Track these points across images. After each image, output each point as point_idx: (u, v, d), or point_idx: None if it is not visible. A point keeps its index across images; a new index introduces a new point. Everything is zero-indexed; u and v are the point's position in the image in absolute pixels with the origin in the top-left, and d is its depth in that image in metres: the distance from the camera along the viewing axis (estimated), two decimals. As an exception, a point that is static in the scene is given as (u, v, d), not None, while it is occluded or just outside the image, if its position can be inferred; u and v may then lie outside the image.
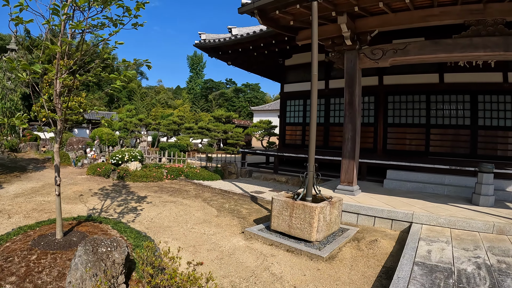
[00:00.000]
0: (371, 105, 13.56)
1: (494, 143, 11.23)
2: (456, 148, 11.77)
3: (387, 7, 8.06)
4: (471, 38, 7.70)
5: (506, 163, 10.53)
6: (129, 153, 14.31)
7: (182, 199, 9.90)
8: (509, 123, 11.08)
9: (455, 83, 11.92)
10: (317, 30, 6.97)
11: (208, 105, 68.60)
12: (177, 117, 31.17)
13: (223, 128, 27.91)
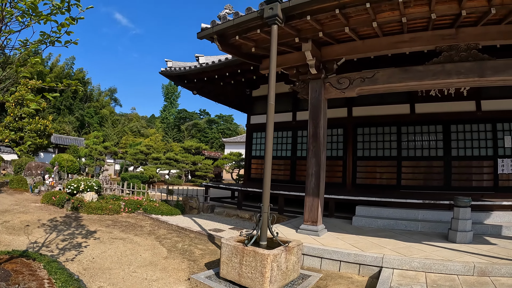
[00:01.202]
0: (339, 137, 13.23)
1: (469, 173, 11.07)
2: (430, 180, 11.49)
3: (354, 33, 7.73)
4: (443, 64, 7.41)
5: (482, 194, 10.42)
6: (85, 183, 13.59)
7: (133, 236, 9.16)
8: (483, 152, 11.01)
9: (427, 113, 11.81)
10: (277, 56, 6.65)
11: (180, 135, 67.83)
12: (145, 147, 30.35)
13: (192, 160, 27.26)
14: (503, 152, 10.90)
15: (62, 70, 58.26)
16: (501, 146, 10.95)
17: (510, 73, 6.93)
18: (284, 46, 8.49)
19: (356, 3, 6.56)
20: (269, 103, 6.46)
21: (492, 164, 10.91)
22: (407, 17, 6.91)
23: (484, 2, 6.48)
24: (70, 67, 61.99)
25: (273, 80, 6.54)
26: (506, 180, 10.71)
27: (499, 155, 10.90)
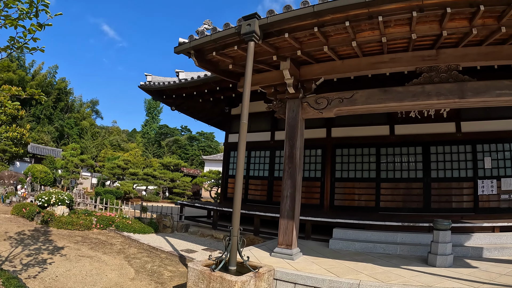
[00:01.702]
0: (318, 158, 13.01)
1: (449, 195, 10.97)
2: (409, 202, 11.32)
3: (333, 53, 7.58)
4: (423, 85, 7.29)
5: (462, 215, 10.30)
6: (57, 196, 13.15)
7: (102, 254, 8.79)
8: (463, 174, 10.95)
9: (406, 134, 11.74)
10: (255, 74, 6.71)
11: (161, 151, 66.98)
12: (122, 161, 29.65)
13: (171, 176, 26.81)
14: (483, 173, 10.84)
15: (45, 79, 57.16)
16: (481, 167, 10.90)
17: (491, 94, 6.86)
18: (262, 64, 8.29)
19: (335, 22, 6.42)
20: (242, 121, 6.28)
21: (472, 186, 10.82)
22: (387, 37, 6.79)
23: (465, 22, 6.43)
24: (52, 75, 60.72)
25: (247, 98, 6.40)
26: (486, 201, 10.63)
27: (479, 176, 10.83)
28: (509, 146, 10.81)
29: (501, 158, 10.81)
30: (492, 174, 10.75)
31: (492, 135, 10.98)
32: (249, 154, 14.79)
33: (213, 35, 7.38)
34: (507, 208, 10.40)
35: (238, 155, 6.32)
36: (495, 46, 7.27)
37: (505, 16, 6.04)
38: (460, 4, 5.85)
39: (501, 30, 6.31)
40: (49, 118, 57.64)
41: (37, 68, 58.35)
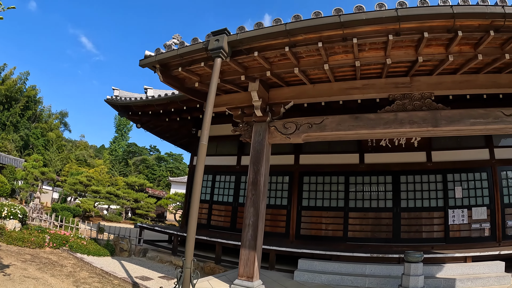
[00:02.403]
0: (285, 185, 12.47)
1: (419, 225, 10.70)
2: (378, 232, 10.95)
3: (304, 76, 7.24)
4: (396, 113, 7.06)
5: (433, 245, 10.13)
6: (9, 209, 12.20)
7: (49, 276, 8.08)
8: (434, 203, 10.75)
9: (376, 163, 11.47)
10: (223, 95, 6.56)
11: (127, 170, 65.15)
12: (85, 177, 28.45)
13: (135, 197, 25.93)
14: (453, 202, 10.68)
15: (15, 84, 54.49)
16: (451, 197, 10.74)
17: (465, 123, 6.72)
18: (231, 84, 7.85)
19: (308, 42, 6.11)
20: (201, 142, 5.96)
21: (443, 215, 10.63)
22: (361, 61, 6.51)
23: (441, 49, 6.29)
24: (23, 82, 57.60)
25: (208, 118, 6.12)
26: (457, 231, 10.46)
27: (449, 206, 10.66)
28: (479, 175, 10.73)
29: (471, 187, 10.69)
30: (463, 204, 10.60)
31: (462, 165, 10.90)
32: (214, 178, 14.17)
33: (180, 49, 6.90)
34: (478, 237, 10.25)
35: (195, 178, 5.90)
36: (470, 75, 7.22)
37: (482, 43, 5.92)
38: (438, 29, 5.68)
39: (477, 58, 6.19)
40: (15, 125, 55.01)
41: (8, 72, 55.56)
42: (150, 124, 15.26)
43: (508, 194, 10.46)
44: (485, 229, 10.23)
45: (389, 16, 5.44)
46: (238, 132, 8.18)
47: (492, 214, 10.26)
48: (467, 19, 5.39)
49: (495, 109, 6.74)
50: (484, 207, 10.39)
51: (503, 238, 10.04)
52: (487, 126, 6.71)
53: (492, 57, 6.34)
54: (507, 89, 7.26)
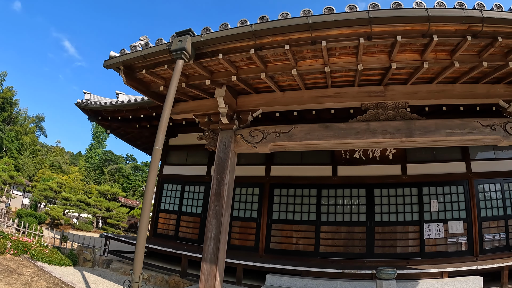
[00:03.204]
0: (255, 197, 11.99)
1: (394, 239, 10.44)
2: (351, 247, 10.62)
3: (272, 82, 6.88)
4: (368, 122, 6.74)
5: (408, 260, 9.99)
6: None
7: (4, 284, 7.63)
8: (408, 217, 10.53)
9: (350, 176, 11.18)
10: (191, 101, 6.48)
11: (102, 178, 63.60)
12: (56, 184, 27.51)
13: (107, 205, 25.21)
14: (429, 216, 10.48)
15: None
16: (427, 211, 10.54)
17: (440, 134, 6.46)
18: (197, 89, 7.42)
19: (274, 45, 5.76)
20: (155, 147, 5.60)
21: (418, 229, 10.42)
22: (331, 67, 6.18)
23: (416, 56, 6.05)
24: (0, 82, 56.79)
25: (165, 122, 5.79)
26: (433, 245, 10.26)
27: (425, 220, 10.45)
28: (456, 189, 10.58)
29: (448, 201, 10.53)
30: (439, 218, 10.42)
31: (438, 178, 10.75)
32: (183, 188, 13.63)
33: (144, 50, 6.51)
34: (455, 252, 10.08)
35: (147, 185, 5.46)
36: (446, 85, 7.03)
37: (459, 49, 5.70)
38: (412, 33, 5.41)
39: (454, 65, 5.97)
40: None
41: (-16, 71, 54.18)
42: (120, 130, 14.71)
43: (485, 207, 10.36)
44: (462, 243, 10.08)
45: (360, 18, 5.16)
46: (204, 140, 7.71)
47: (469, 228, 10.13)
48: (443, 23, 5.18)
49: (472, 120, 6.52)
50: (460, 221, 10.24)
51: (480, 252, 9.90)
52: (464, 137, 6.47)
53: (469, 65, 6.16)
54: (484, 100, 7.19)
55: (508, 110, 6.81)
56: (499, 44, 5.47)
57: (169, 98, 5.68)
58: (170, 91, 5.71)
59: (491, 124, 6.44)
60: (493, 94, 6.96)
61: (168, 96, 5.70)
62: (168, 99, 5.69)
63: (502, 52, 5.95)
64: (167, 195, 13.83)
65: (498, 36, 5.32)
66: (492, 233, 10.13)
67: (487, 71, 6.50)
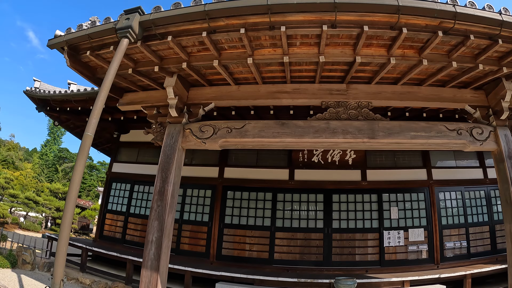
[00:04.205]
0: (207, 200, 11.22)
1: (352, 247, 10.11)
2: (307, 254, 10.15)
3: (227, 74, 6.35)
4: (329, 121, 6.36)
5: (367, 269, 9.76)
6: None
7: None
8: (368, 224, 10.29)
9: (308, 180, 10.75)
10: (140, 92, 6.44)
11: (56, 176, 61.03)
12: (3, 179, 25.78)
13: (57, 205, 23.94)
14: (389, 223, 10.28)
15: None
16: (387, 218, 10.33)
17: (405, 136, 6.24)
18: (146, 77, 6.73)
19: (229, 29, 5.21)
20: (86, 133, 4.92)
21: (378, 237, 10.18)
22: (290, 57, 5.71)
23: (383, 51, 5.73)
24: None
25: (99, 105, 5.18)
26: (393, 253, 10.05)
27: (385, 227, 10.23)
28: (416, 196, 10.50)
29: (408, 208, 10.41)
30: (399, 225, 10.25)
31: (399, 185, 10.62)
32: (132, 188, 12.66)
33: (89, 29, 5.81)
34: (415, 260, 9.93)
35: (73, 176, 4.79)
36: (412, 86, 6.86)
37: (428, 46, 5.42)
38: (380, 24, 5.04)
39: (422, 64, 5.73)
40: None
41: None
42: (69, 123, 13.74)
43: (446, 215, 10.39)
44: (422, 251, 9.97)
45: (325, 2, 4.73)
46: (150, 134, 7.01)
47: (429, 235, 10.07)
48: (413, 16, 4.89)
49: (438, 123, 6.37)
50: (421, 229, 10.14)
51: (441, 260, 9.86)
52: (429, 140, 6.27)
53: (438, 64, 5.94)
54: (450, 104, 7.02)
55: (474, 115, 6.76)
56: (470, 43, 5.29)
57: (108, 79, 5.02)
58: (110, 71, 5.05)
59: (457, 128, 6.32)
60: (459, 98, 6.85)
61: (107, 77, 5.04)
62: (106, 81, 5.02)
63: (472, 54, 5.81)
64: (115, 195, 12.85)
65: (471, 35, 5.15)
66: (453, 241, 10.14)
67: (455, 74, 6.37)
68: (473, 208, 10.57)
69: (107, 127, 13.29)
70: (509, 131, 6.46)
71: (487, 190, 10.85)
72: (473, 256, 10.10)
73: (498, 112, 6.49)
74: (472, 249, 10.15)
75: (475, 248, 10.21)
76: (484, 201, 10.74)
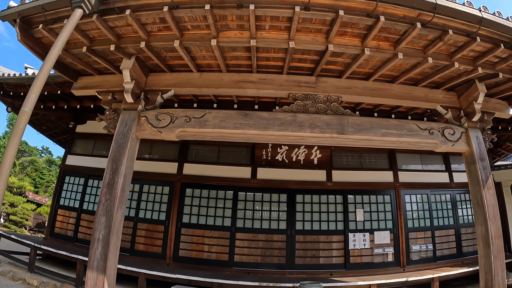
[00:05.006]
0: (164, 197, 10.51)
1: (316, 249, 9.83)
2: (269, 257, 9.74)
3: (189, 58, 5.87)
4: (295, 114, 6.04)
5: (332, 272, 9.53)
6: None
7: None
8: (332, 226, 10.09)
9: (271, 179, 10.36)
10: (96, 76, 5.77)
11: (13, 170, 58.41)
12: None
13: (11, 200, 22.60)
14: (354, 226, 10.11)
15: None
16: (352, 220, 10.16)
17: (375, 133, 6.03)
18: (103, 59, 6.13)
19: (193, 5, 4.73)
20: (23, 109, 4.17)
21: (343, 239, 9.97)
22: (258, 42, 5.27)
23: (357, 41, 5.49)
24: None
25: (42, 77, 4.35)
26: (358, 256, 9.88)
27: (350, 229, 10.05)
28: (383, 198, 10.42)
29: (374, 210, 10.30)
30: (365, 227, 10.11)
31: (365, 186, 10.50)
32: (86, 182, 11.69)
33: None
34: (381, 263, 9.83)
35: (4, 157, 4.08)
36: (383, 83, 6.72)
37: (404, 39, 5.23)
38: (356, 11, 4.78)
39: (397, 57, 5.53)
40: None
41: None
42: (23, 110, 12.78)
43: (412, 218, 10.38)
44: (388, 254, 9.90)
45: None
46: (104, 121, 6.40)
47: (395, 238, 10.02)
48: (392, 5, 4.73)
49: (410, 121, 6.30)
50: (387, 231, 10.05)
51: (407, 263, 9.85)
52: (401, 138, 6.09)
53: (414, 60, 5.79)
54: (422, 103, 6.90)
55: (446, 116, 6.75)
56: (448, 39, 5.20)
57: (54, 50, 4.36)
58: (58, 42, 4.40)
59: (429, 128, 6.26)
60: (431, 98, 6.82)
61: (53, 48, 4.37)
62: (52, 52, 4.36)
63: (448, 52, 5.74)
64: (68, 189, 11.88)
65: (449, 29, 5.03)
66: (419, 244, 10.14)
67: (429, 72, 6.34)
68: (439, 211, 10.68)
69: (63, 116, 12.52)
70: (480, 133, 6.47)
71: (453, 194, 10.97)
72: (439, 259, 10.15)
73: (470, 114, 6.49)
74: (438, 252, 10.22)
75: (441, 251, 10.29)
76: (450, 205, 10.88)
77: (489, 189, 6.00)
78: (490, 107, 7.00)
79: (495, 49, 5.45)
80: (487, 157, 6.37)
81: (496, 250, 5.65)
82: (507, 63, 5.85)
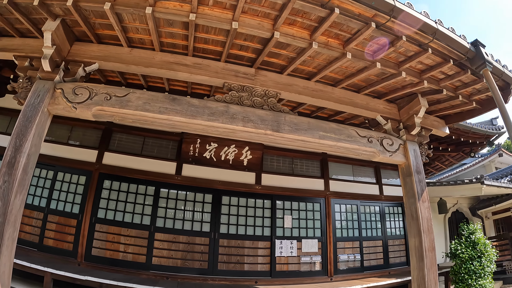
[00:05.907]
0: (79, 188, 9.32)
1: (241, 255, 9.41)
2: (191, 261, 9.11)
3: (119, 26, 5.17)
4: (228, 104, 5.68)
5: (257, 279, 9.23)
6: None
7: None
8: (259, 231, 9.76)
9: (196, 178, 9.73)
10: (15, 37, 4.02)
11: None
12: None
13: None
14: (282, 232, 9.86)
15: None
16: (280, 226, 9.90)
17: (313, 135, 5.89)
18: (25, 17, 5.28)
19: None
20: None
21: (269, 246, 9.68)
22: (198, 18, 4.75)
23: (305, 34, 5.19)
24: None
25: None
26: (285, 264, 9.63)
27: (277, 236, 9.78)
28: (312, 206, 10.33)
29: (303, 217, 10.15)
30: (293, 234, 9.91)
31: (295, 192, 10.31)
32: None
33: None
34: (308, 271, 9.65)
35: None
36: (326, 86, 6.65)
37: (355, 39, 5.09)
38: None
39: (345, 57, 5.38)
40: None
41: None
42: None
43: (341, 227, 10.39)
44: (316, 262, 9.77)
45: None
46: (15, 89, 5.48)
47: (323, 247, 9.93)
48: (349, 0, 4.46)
49: (349, 127, 6.30)
50: (315, 240, 9.93)
51: (335, 272, 9.80)
52: (339, 143, 6.03)
53: (361, 63, 5.68)
54: (363, 111, 6.86)
55: (385, 127, 6.85)
56: (400, 45, 5.19)
57: None
58: None
59: (368, 135, 6.30)
60: (372, 107, 6.87)
61: None
62: None
63: (397, 60, 5.77)
64: None
65: (403, 36, 4.99)
66: (347, 254, 10.16)
67: (373, 80, 6.36)
68: (367, 222, 10.82)
69: None
70: (418, 147, 6.62)
71: (382, 206, 11.19)
72: (367, 269, 10.24)
73: (409, 127, 6.65)
74: (365, 262, 10.29)
75: (369, 262, 10.37)
76: (379, 216, 11.05)
77: (424, 202, 6.06)
78: (429, 123, 7.22)
79: (444, 64, 5.55)
80: (423, 171, 6.44)
81: (429, 263, 5.66)
82: (451, 80, 6.04)
